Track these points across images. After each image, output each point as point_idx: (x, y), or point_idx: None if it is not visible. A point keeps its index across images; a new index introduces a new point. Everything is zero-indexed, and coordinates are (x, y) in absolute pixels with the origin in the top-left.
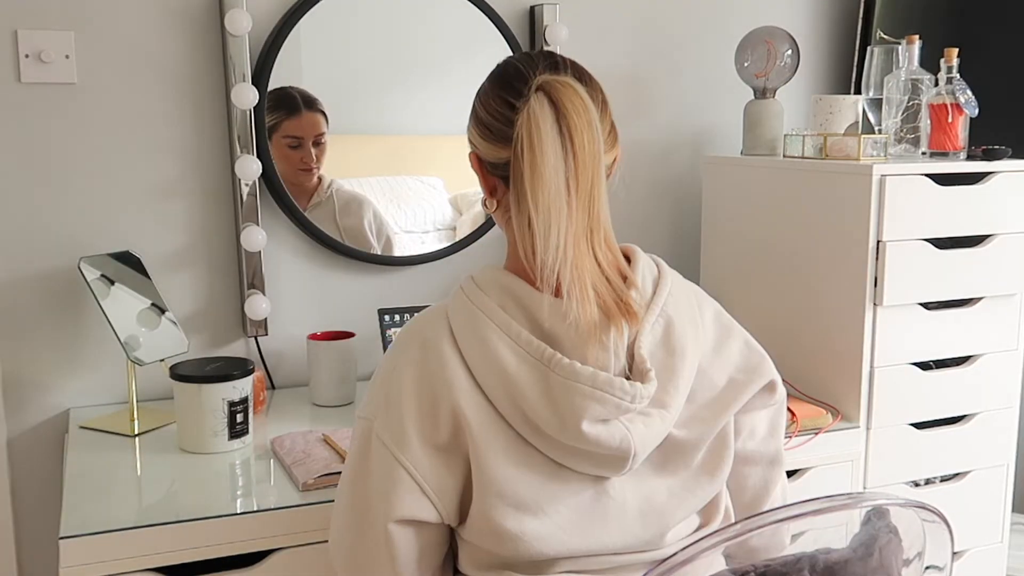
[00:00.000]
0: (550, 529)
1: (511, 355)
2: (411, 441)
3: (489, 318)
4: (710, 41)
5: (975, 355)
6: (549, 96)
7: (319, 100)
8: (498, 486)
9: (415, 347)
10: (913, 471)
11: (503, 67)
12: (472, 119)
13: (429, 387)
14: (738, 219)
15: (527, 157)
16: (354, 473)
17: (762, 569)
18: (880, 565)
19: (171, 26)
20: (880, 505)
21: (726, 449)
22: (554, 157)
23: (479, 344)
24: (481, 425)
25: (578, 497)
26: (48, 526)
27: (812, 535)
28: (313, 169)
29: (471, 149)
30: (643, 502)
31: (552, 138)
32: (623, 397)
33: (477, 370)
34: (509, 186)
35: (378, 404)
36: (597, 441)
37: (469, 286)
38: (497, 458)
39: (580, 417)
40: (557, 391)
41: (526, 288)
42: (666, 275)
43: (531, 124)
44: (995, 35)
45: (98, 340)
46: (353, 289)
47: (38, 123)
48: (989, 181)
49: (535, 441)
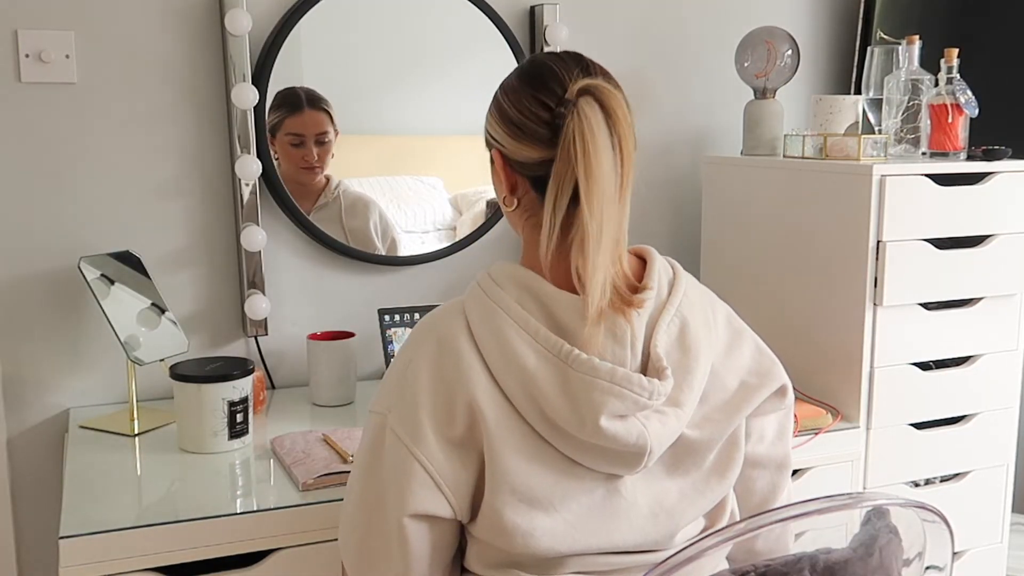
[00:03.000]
0: (561, 526)
1: (529, 350)
2: (426, 435)
3: (507, 313)
4: (710, 41)
5: (975, 355)
6: (599, 101)
7: (326, 100)
8: (511, 482)
9: (431, 341)
10: (913, 471)
11: (535, 67)
12: (497, 116)
13: (445, 381)
14: (738, 219)
15: (582, 161)
16: (366, 468)
17: (762, 569)
18: (880, 565)
19: (171, 26)
20: (880, 505)
21: (736, 451)
22: (607, 161)
23: (497, 339)
24: (497, 420)
25: (590, 495)
26: (48, 526)
27: (812, 535)
28: (316, 168)
29: (493, 146)
30: (654, 502)
31: (605, 142)
32: (641, 393)
33: (494, 365)
34: (536, 186)
35: (393, 398)
36: (615, 437)
37: (486, 281)
38: (512, 453)
39: (599, 412)
40: (576, 387)
41: (544, 284)
42: (681, 277)
43: (585, 128)
44: (995, 35)
45: (98, 340)
46: (353, 289)
47: (38, 123)
48: (989, 181)
49: (551, 437)
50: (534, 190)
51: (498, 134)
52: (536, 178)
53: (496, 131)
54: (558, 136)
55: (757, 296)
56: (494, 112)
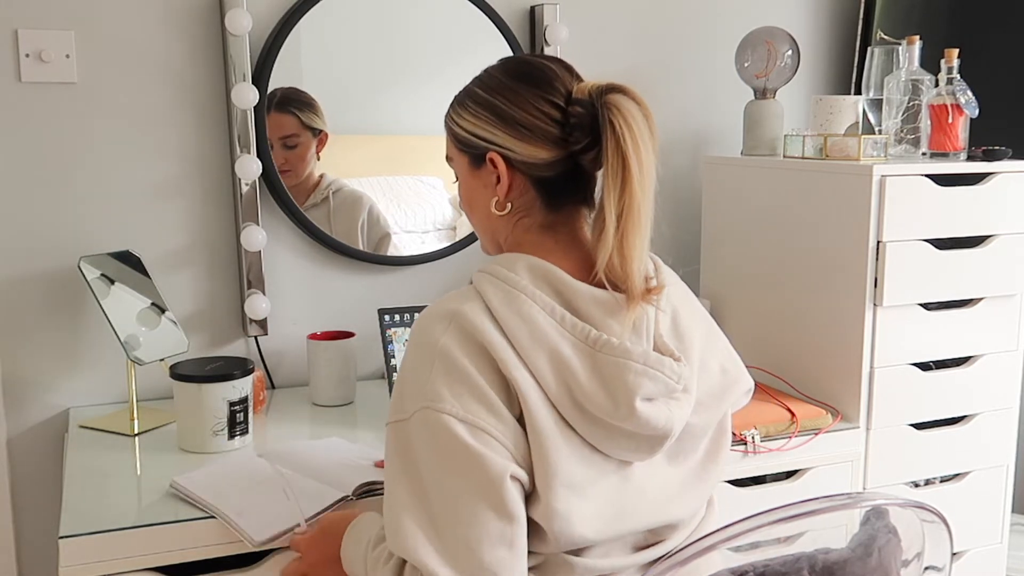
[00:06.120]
0: (592, 512)
1: (557, 336)
2: (488, 410)
3: (531, 299)
4: (710, 41)
5: (975, 356)
6: (632, 97)
7: (301, 101)
8: (555, 465)
9: (453, 330)
10: (913, 472)
11: (527, 66)
12: (492, 118)
13: (487, 361)
14: (738, 219)
15: (633, 153)
16: (432, 472)
17: (761, 569)
18: (879, 565)
19: (171, 26)
20: (879, 505)
21: (724, 437)
22: (650, 152)
23: (526, 324)
24: (535, 401)
25: (606, 482)
26: (48, 525)
27: (812, 535)
28: (287, 171)
29: (489, 149)
30: (660, 489)
31: (647, 134)
32: (671, 376)
33: (524, 349)
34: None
35: (436, 389)
36: (647, 420)
37: (498, 270)
38: (553, 436)
39: (634, 394)
40: (608, 370)
41: (561, 273)
42: (662, 267)
43: (630, 120)
44: (995, 35)
45: (98, 340)
46: (353, 289)
47: (38, 123)
48: (989, 182)
49: (576, 422)
50: (534, 189)
51: (498, 136)
52: (540, 178)
53: (493, 133)
54: (569, 135)
55: (757, 296)
56: (485, 114)
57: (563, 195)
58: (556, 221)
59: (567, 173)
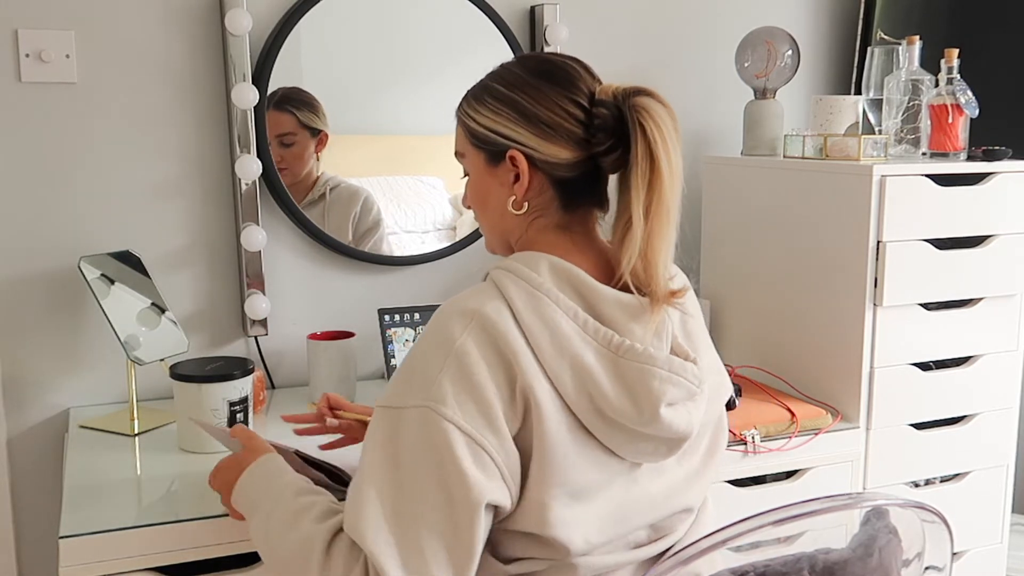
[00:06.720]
0: (593, 519)
1: (580, 342)
2: (491, 424)
3: (555, 303)
4: (710, 41)
5: (975, 356)
6: (659, 100)
7: (300, 100)
8: (562, 474)
9: (476, 327)
10: (913, 472)
11: (550, 65)
12: (515, 116)
13: (503, 367)
14: (738, 219)
15: (664, 155)
16: (413, 471)
17: (762, 569)
18: (879, 565)
19: (171, 26)
20: (880, 505)
21: (722, 433)
22: (677, 163)
23: (549, 329)
24: (549, 411)
25: (614, 485)
26: (48, 526)
27: (812, 535)
28: (284, 170)
29: (511, 147)
30: (666, 488)
31: (676, 144)
32: (693, 381)
33: (544, 355)
34: (556, 185)
35: (441, 388)
36: (670, 425)
37: (519, 268)
38: (562, 445)
39: (660, 401)
40: (631, 376)
41: (584, 275)
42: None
43: (660, 122)
44: (995, 35)
45: (98, 340)
46: (353, 289)
47: (38, 123)
48: (989, 182)
49: (596, 429)
50: (553, 189)
51: (519, 134)
52: (559, 178)
53: (514, 130)
54: (593, 136)
55: (757, 296)
56: (506, 111)
57: (580, 196)
58: (571, 221)
59: (586, 174)
